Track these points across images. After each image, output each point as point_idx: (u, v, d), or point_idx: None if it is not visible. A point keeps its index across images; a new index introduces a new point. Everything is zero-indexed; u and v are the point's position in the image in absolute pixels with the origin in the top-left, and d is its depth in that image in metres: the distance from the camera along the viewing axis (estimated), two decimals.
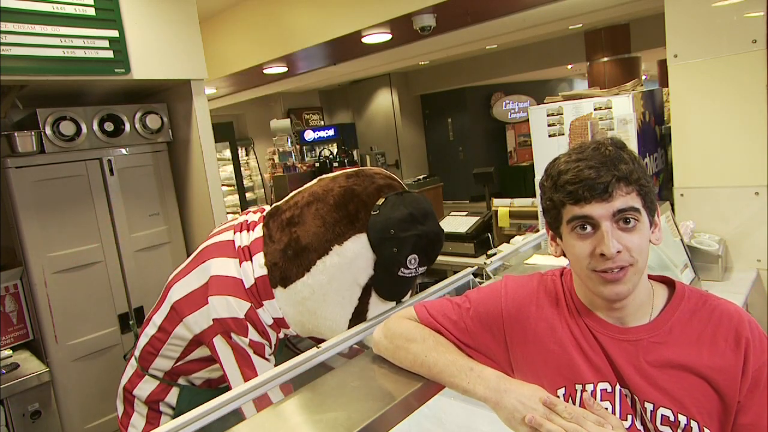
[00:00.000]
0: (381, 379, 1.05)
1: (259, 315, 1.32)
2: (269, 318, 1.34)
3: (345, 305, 1.30)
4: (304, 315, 1.33)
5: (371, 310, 1.33)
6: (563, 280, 1.02)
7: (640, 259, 0.86)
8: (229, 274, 1.34)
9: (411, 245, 1.24)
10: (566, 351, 0.93)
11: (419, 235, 1.25)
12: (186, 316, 1.37)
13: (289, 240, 1.32)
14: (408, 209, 1.26)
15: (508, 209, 3.79)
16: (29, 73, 2.06)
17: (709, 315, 0.89)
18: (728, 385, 0.83)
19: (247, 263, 1.35)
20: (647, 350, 0.88)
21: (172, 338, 1.42)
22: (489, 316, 1.02)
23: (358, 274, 1.28)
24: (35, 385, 2.23)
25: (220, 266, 1.36)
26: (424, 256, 1.28)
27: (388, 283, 1.30)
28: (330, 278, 1.28)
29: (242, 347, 1.30)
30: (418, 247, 1.26)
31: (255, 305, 1.32)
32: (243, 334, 1.30)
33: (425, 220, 1.28)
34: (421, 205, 1.30)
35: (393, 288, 1.33)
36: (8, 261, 2.45)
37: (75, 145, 2.40)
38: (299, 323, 1.35)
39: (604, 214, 0.84)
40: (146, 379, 1.51)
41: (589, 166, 0.85)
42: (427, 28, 3.27)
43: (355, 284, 1.29)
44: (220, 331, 1.30)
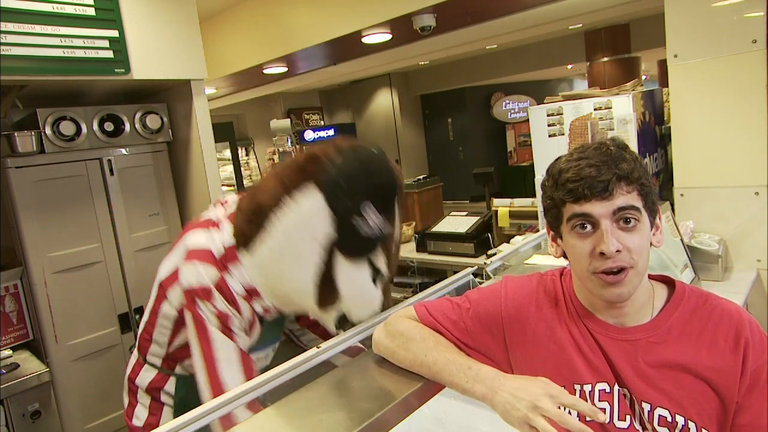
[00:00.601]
0: (381, 379, 1.05)
1: (229, 284, 1.32)
2: (240, 287, 1.33)
3: (307, 264, 1.26)
4: (270, 279, 1.32)
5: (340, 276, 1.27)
6: (563, 280, 1.02)
7: (640, 261, 0.85)
8: (201, 245, 1.36)
9: (364, 195, 1.21)
10: (565, 351, 0.93)
11: (372, 185, 1.22)
12: (167, 290, 1.39)
13: (252, 206, 1.32)
14: (361, 160, 1.24)
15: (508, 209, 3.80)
16: (29, 73, 2.06)
17: (709, 315, 0.89)
18: (727, 386, 0.83)
19: (218, 233, 1.37)
20: (646, 350, 0.88)
21: (161, 319, 1.44)
22: (488, 317, 1.02)
23: (315, 230, 1.24)
24: (35, 385, 2.23)
25: (194, 238, 1.38)
26: (380, 204, 1.23)
27: (349, 239, 1.24)
28: (285, 234, 1.26)
29: (203, 318, 1.29)
30: (373, 198, 1.22)
31: (224, 272, 1.32)
32: (209, 300, 1.29)
33: (379, 170, 1.25)
34: (375, 156, 1.27)
35: (355, 244, 1.26)
36: (8, 261, 2.45)
37: (75, 145, 2.40)
38: (269, 290, 1.34)
39: (604, 212, 0.84)
40: (146, 367, 1.53)
41: (590, 164, 0.85)
42: (427, 28, 3.27)
43: (312, 241, 1.24)
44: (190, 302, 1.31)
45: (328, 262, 1.26)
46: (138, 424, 1.52)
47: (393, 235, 1.35)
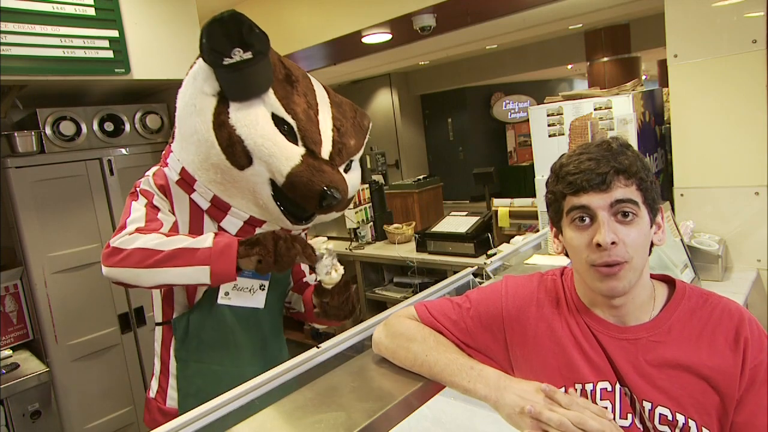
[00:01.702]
0: (381, 379, 1.05)
1: (165, 173, 1.42)
2: (173, 173, 1.41)
3: (201, 116, 1.32)
4: (187, 149, 1.37)
5: (233, 117, 1.30)
6: (563, 279, 1.02)
7: (636, 256, 0.85)
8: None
9: (215, 33, 1.26)
10: (566, 351, 0.93)
11: (216, 20, 1.26)
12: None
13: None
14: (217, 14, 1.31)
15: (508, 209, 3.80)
16: (29, 73, 2.06)
17: (710, 314, 0.89)
18: (727, 385, 0.83)
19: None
20: (646, 349, 0.88)
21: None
22: (489, 317, 1.02)
23: (201, 84, 1.32)
24: (35, 385, 2.23)
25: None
26: (238, 40, 1.27)
27: (227, 80, 1.30)
28: (181, 99, 1.37)
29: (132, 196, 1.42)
30: (224, 33, 1.26)
31: (163, 166, 1.45)
32: (138, 186, 1.42)
33: (222, 12, 1.29)
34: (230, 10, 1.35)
35: (234, 84, 1.32)
36: (8, 261, 2.45)
37: (75, 145, 2.40)
38: (191, 163, 1.38)
39: (602, 204, 0.85)
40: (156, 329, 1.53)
41: (590, 158, 0.87)
42: (427, 28, 3.27)
43: (201, 94, 1.32)
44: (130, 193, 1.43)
45: (220, 109, 1.31)
46: (151, 395, 1.54)
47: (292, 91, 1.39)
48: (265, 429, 0.92)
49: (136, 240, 1.27)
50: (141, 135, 2.62)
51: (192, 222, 1.41)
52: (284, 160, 1.31)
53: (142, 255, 1.24)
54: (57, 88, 2.42)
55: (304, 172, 1.31)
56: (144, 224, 1.33)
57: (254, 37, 1.29)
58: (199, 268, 1.24)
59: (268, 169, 1.32)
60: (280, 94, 1.36)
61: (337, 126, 1.43)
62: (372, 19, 3.22)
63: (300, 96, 1.40)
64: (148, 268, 1.25)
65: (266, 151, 1.30)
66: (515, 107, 9.50)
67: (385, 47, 4.08)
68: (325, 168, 1.35)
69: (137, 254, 1.25)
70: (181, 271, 1.25)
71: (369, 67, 6.66)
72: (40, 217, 2.35)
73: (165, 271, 1.25)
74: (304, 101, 1.40)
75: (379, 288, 4.16)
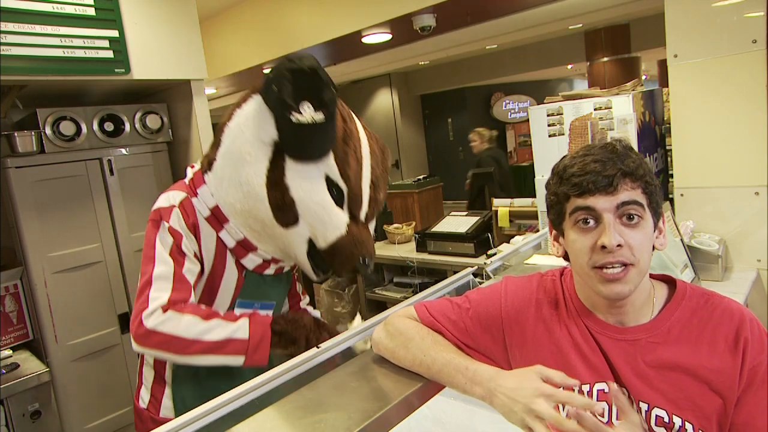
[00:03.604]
0: (381, 379, 1.05)
1: (194, 205, 1.36)
2: (205, 208, 1.36)
3: (255, 166, 1.28)
4: (229, 192, 1.33)
5: (289, 177, 1.27)
6: (563, 280, 1.01)
7: (641, 259, 0.85)
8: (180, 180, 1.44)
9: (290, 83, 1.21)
10: (563, 352, 0.93)
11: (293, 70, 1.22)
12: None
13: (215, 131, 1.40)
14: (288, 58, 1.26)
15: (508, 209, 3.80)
16: (29, 73, 2.06)
17: (710, 315, 0.88)
18: (727, 386, 0.83)
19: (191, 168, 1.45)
20: (645, 350, 0.88)
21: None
22: (488, 318, 1.02)
23: (259, 131, 1.27)
24: (35, 385, 2.23)
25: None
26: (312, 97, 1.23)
27: (291, 135, 1.26)
28: (233, 139, 1.31)
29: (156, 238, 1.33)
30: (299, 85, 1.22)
31: (191, 195, 1.38)
32: (167, 219, 1.33)
33: (299, 59, 1.25)
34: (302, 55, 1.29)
35: (297, 141, 1.27)
36: (8, 261, 2.45)
37: (75, 145, 2.40)
38: (230, 206, 1.35)
39: (608, 206, 0.84)
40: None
41: (595, 159, 0.85)
42: (427, 28, 3.27)
43: (258, 141, 1.27)
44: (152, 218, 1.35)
45: (276, 164, 1.28)
46: (142, 406, 1.52)
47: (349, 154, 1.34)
48: (265, 429, 0.92)
49: (171, 322, 1.24)
50: (141, 135, 2.62)
51: (216, 259, 1.39)
52: (332, 229, 1.31)
53: (180, 345, 1.24)
54: (57, 88, 2.42)
55: (347, 244, 1.32)
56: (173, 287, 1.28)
57: (330, 97, 1.25)
58: (233, 357, 1.28)
59: (312, 233, 1.32)
60: (339, 156, 1.32)
61: (373, 180, 1.41)
62: (372, 19, 3.22)
63: (353, 157, 1.35)
64: (184, 356, 1.26)
65: (317, 218, 1.30)
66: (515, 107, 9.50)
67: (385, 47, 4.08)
68: (365, 237, 1.36)
69: (175, 343, 1.23)
70: (216, 358, 1.28)
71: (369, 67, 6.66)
72: (40, 217, 2.34)
73: (201, 358, 1.27)
74: (356, 162, 1.36)
75: (379, 288, 4.16)
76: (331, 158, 1.30)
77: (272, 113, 1.26)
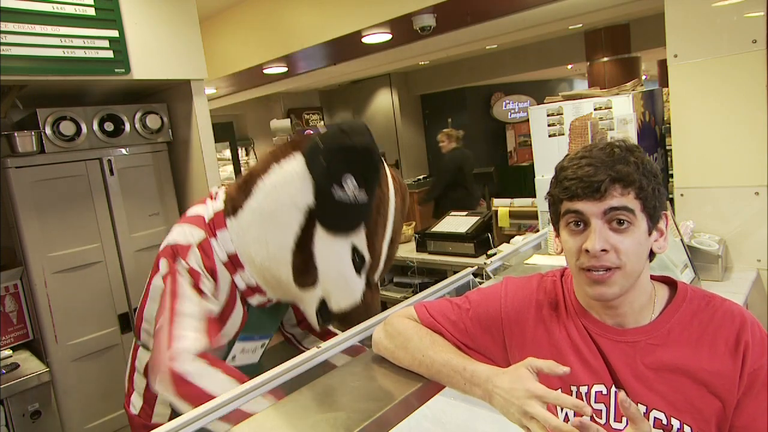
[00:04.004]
0: (381, 379, 1.05)
1: (213, 246, 1.33)
2: (223, 253, 1.34)
3: (284, 230, 1.26)
4: (251, 245, 1.32)
5: (317, 245, 1.26)
6: (563, 281, 1.01)
7: (629, 263, 0.84)
8: (195, 212, 1.41)
9: (341, 159, 1.20)
10: (562, 354, 0.93)
11: (347, 147, 1.20)
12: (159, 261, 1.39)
13: (244, 175, 1.37)
14: (339, 126, 1.25)
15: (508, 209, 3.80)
16: (29, 73, 2.06)
17: (711, 317, 0.88)
18: (726, 390, 0.83)
19: (211, 202, 1.41)
20: (645, 352, 0.88)
21: (151, 292, 1.44)
22: (488, 318, 1.02)
23: (295, 196, 1.24)
24: (35, 385, 2.23)
25: (192, 209, 1.43)
26: (359, 175, 1.21)
27: (328, 208, 1.24)
28: (266, 196, 1.28)
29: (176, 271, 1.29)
30: (349, 162, 1.21)
31: (210, 236, 1.34)
32: (184, 257, 1.30)
33: (354, 134, 1.23)
34: (353, 123, 1.28)
35: (333, 215, 1.25)
36: (8, 261, 2.45)
37: (75, 145, 2.40)
38: (250, 259, 1.33)
39: (595, 211, 0.84)
40: (140, 350, 1.52)
41: (589, 163, 0.85)
42: (427, 28, 3.27)
43: (293, 207, 1.25)
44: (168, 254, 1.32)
45: (306, 231, 1.26)
46: (134, 412, 1.51)
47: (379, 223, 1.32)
48: (265, 429, 0.92)
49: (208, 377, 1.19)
50: (141, 135, 2.62)
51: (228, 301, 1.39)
52: (347, 297, 1.31)
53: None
54: (57, 88, 2.42)
55: (359, 312, 1.32)
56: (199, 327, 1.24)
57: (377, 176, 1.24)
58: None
59: (326, 296, 1.31)
60: (370, 229, 1.31)
61: (393, 237, 1.40)
62: (372, 19, 3.22)
63: (382, 225, 1.34)
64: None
65: (336, 286, 1.30)
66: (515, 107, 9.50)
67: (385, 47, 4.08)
68: (375, 302, 1.37)
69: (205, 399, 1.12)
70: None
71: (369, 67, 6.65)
72: (40, 217, 2.34)
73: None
74: (383, 230, 1.35)
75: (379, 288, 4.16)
76: (363, 231, 1.29)
77: (313, 180, 1.23)
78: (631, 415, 0.74)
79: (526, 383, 0.81)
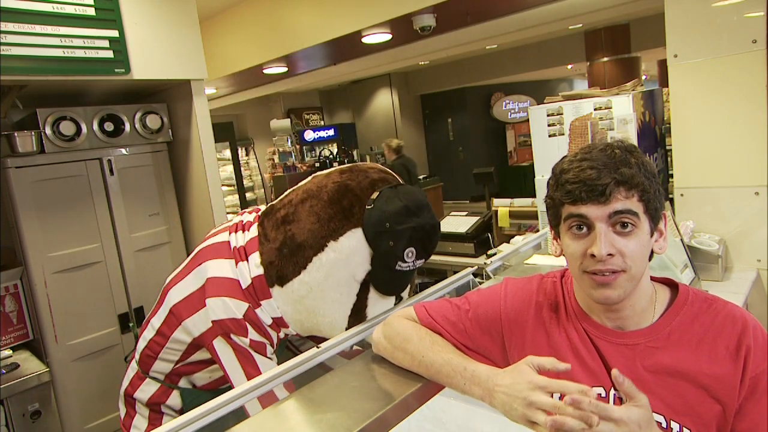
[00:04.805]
0: (381, 379, 1.05)
1: (258, 315, 1.31)
2: (268, 318, 1.33)
3: (343, 302, 1.28)
4: (302, 313, 1.32)
5: (370, 307, 1.31)
6: (564, 282, 1.01)
7: (634, 266, 0.84)
8: (226, 275, 1.33)
9: (407, 238, 1.23)
10: (561, 356, 0.92)
11: (415, 227, 1.23)
12: (184, 319, 1.36)
13: (284, 238, 1.30)
14: (403, 202, 1.25)
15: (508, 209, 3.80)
16: (29, 73, 2.06)
17: (712, 320, 0.87)
18: (727, 394, 0.82)
19: (244, 263, 1.34)
20: (644, 355, 0.87)
21: (171, 342, 1.42)
22: (488, 319, 1.02)
23: (356, 270, 1.26)
24: (35, 385, 2.23)
25: (217, 268, 1.35)
26: (422, 249, 1.26)
27: (386, 277, 1.28)
28: (327, 275, 1.26)
29: (243, 347, 1.30)
30: (415, 240, 1.24)
31: (253, 305, 1.31)
32: (243, 334, 1.29)
33: (420, 212, 1.26)
34: (416, 197, 1.28)
35: (391, 282, 1.31)
36: (8, 261, 2.45)
37: (75, 145, 2.40)
38: (298, 322, 1.34)
39: (600, 215, 0.83)
40: (147, 381, 1.51)
41: (591, 166, 0.84)
42: (427, 28, 3.27)
43: (352, 280, 1.27)
44: (220, 333, 1.30)
45: (361, 297, 1.29)
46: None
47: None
48: (265, 429, 0.92)
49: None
50: (141, 135, 2.62)
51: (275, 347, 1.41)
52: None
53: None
54: (57, 88, 2.42)
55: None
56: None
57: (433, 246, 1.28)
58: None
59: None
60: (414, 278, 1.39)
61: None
62: (372, 19, 3.22)
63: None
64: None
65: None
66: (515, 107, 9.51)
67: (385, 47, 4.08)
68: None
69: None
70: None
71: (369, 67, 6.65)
72: (40, 217, 2.34)
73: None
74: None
75: None
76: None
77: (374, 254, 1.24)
78: (627, 391, 0.74)
79: (528, 376, 0.81)
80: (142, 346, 1.49)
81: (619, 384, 0.73)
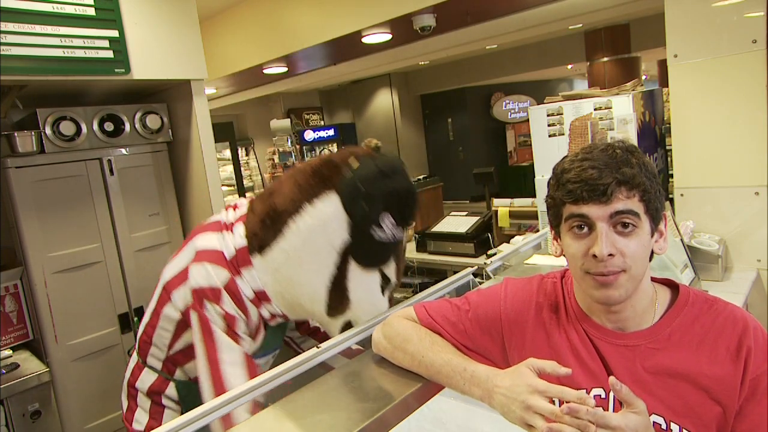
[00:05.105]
0: (381, 379, 1.05)
1: (239, 286, 1.32)
2: (249, 290, 1.33)
3: (321, 270, 1.27)
4: (282, 284, 1.32)
5: (351, 280, 1.29)
6: (564, 283, 1.01)
7: (635, 266, 0.84)
8: (212, 246, 1.36)
9: (381, 201, 1.22)
10: (561, 357, 0.92)
11: (390, 191, 1.22)
12: (172, 292, 1.38)
13: (267, 209, 1.33)
14: (378, 166, 1.25)
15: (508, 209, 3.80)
16: (29, 73, 2.06)
17: (713, 321, 0.87)
18: (727, 395, 0.82)
19: (229, 234, 1.37)
20: (645, 356, 0.87)
21: (162, 321, 1.43)
22: (488, 320, 1.01)
23: (332, 237, 1.25)
24: (35, 385, 2.23)
25: (205, 239, 1.39)
26: (398, 215, 1.25)
27: (365, 246, 1.26)
28: (303, 241, 1.27)
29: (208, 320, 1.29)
30: (390, 204, 1.23)
31: (234, 274, 1.32)
32: (217, 302, 1.29)
33: (394, 175, 1.25)
34: (392, 163, 1.28)
35: (370, 252, 1.28)
36: (8, 261, 2.45)
37: (75, 145, 2.40)
38: (279, 294, 1.34)
39: (601, 215, 0.83)
40: (146, 371, 1.52)
41: (593, 166, 0.84)
42: (427, 28, 3.27)
43: (329, 247, 1.26)
44: (197, 302, 1.31)
45: (341, 269, 1.27)
46: (139, 429, 1.51)
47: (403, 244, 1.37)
48: (265, 429, 0.92)
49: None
50: (141, 135, 2.62)
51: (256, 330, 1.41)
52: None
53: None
54: (57, 88, 2.42)
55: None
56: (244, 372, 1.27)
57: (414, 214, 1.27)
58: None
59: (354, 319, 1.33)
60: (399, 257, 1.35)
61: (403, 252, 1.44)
62: (372, 19, 3.22)
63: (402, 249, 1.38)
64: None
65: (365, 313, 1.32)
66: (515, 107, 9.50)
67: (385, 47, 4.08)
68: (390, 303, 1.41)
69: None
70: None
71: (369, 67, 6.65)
72: (40, 217, 2.34)
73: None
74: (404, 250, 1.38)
75: None
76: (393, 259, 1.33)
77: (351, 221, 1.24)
78: (624, 397, 0.74)
79: (528, 379, 0.81)
80: (140, 332, 1.52)
81: (616, 390, 0.74)
